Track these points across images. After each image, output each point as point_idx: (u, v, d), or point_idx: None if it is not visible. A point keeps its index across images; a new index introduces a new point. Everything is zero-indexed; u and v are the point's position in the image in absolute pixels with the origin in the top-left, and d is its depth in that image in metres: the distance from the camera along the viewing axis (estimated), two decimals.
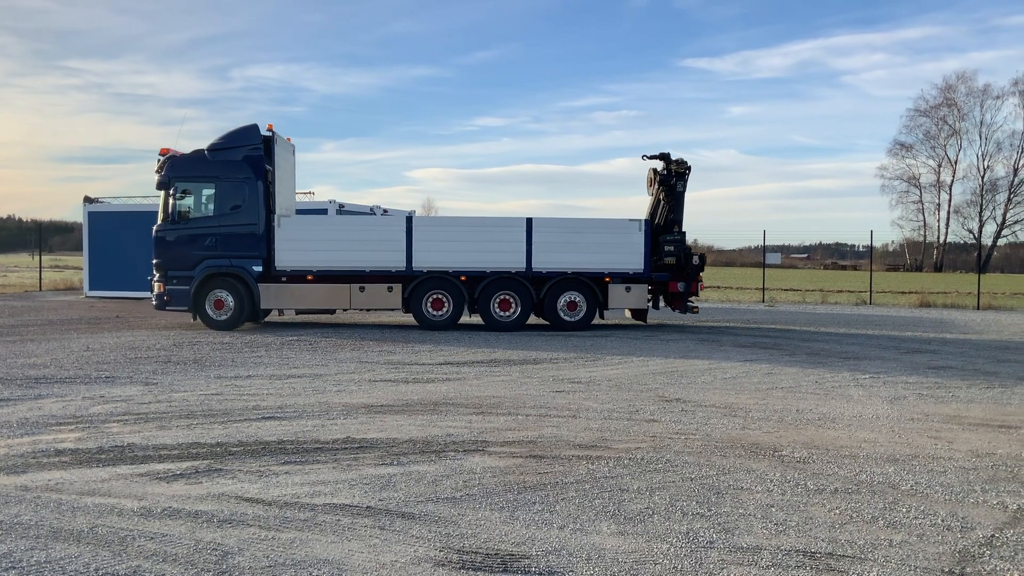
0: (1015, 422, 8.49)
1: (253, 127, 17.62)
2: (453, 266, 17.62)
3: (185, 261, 17.19)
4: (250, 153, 17.37)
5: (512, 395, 9.74)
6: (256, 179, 17.30)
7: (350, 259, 17.52)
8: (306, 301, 17.57)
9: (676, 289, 18.09)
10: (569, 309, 17.87)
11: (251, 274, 17.24)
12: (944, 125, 77.23)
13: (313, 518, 5.21)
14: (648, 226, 18.11)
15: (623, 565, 4.50)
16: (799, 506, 5.56)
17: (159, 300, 17.36)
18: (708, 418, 8.51)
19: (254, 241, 17.30)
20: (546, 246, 17.68)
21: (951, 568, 4.50)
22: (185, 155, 17.52)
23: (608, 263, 17.87)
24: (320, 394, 9.68)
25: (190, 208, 17.34)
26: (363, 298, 17.50)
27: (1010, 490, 6.00)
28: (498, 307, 17.72)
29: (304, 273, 17.48)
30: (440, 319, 17.65)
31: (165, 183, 17.22)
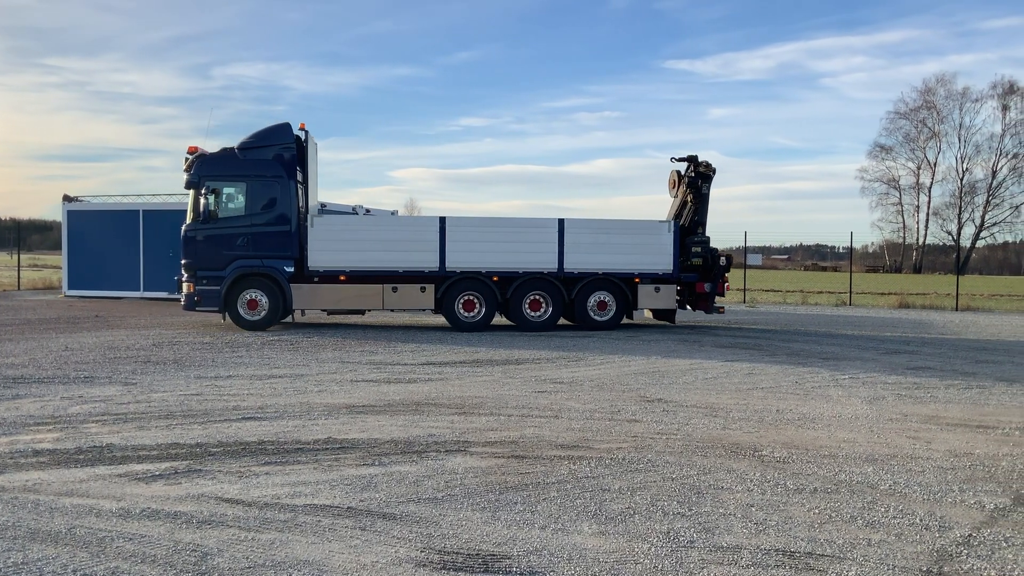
0: (993, 422, 8.57)
1: (285, 125, 17.40)
2: (486, 266, 17.59)
3: (215, 261, 16.88)
4: (282, 152, 17.16)
5: (494, 395, 9.73)
6: (288, 178, 17.09)
7: (383, 259, 17.39)
8: (338, 302, 17.43)
9: (703, 290, 18.26)
10: (599, 309, 18.00)
11: (283, 274, 17.01)
12: (924, 128, 77.96)
13: (293, 519, 5.19)
14: (677, 227, 18.33)
15: (604, 565, 4.50)
16: (779, 506, 5.59)
17: (189, 300, 17.05)
18: (689, 418, 8.54)
19: (286, 241, 17.08)
20: (577, 247, 17.77)
21: (929, 567, 4.54)
22: (215, 153, 17.27)
23: (638, 264, 18.04)
24: (301, 394, 9.64)
25: (220, 207, 17.07)
26: (395, 298, 17.40)
27: (987, 490, 6.06)
28: (529, 307, 17.78)
29: (337, 273, 17.30)
30: (473, 320, 17.63)
31: (195, 182, 16.91)
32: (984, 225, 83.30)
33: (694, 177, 19.04)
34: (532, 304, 17.76)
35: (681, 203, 19.25)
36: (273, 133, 17.28)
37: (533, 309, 17.76)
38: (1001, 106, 73.66)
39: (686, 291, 18.47)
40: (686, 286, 18.41)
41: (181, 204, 27.56)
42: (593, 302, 17.93)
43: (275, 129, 17.34)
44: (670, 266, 18.09)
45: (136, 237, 26.85)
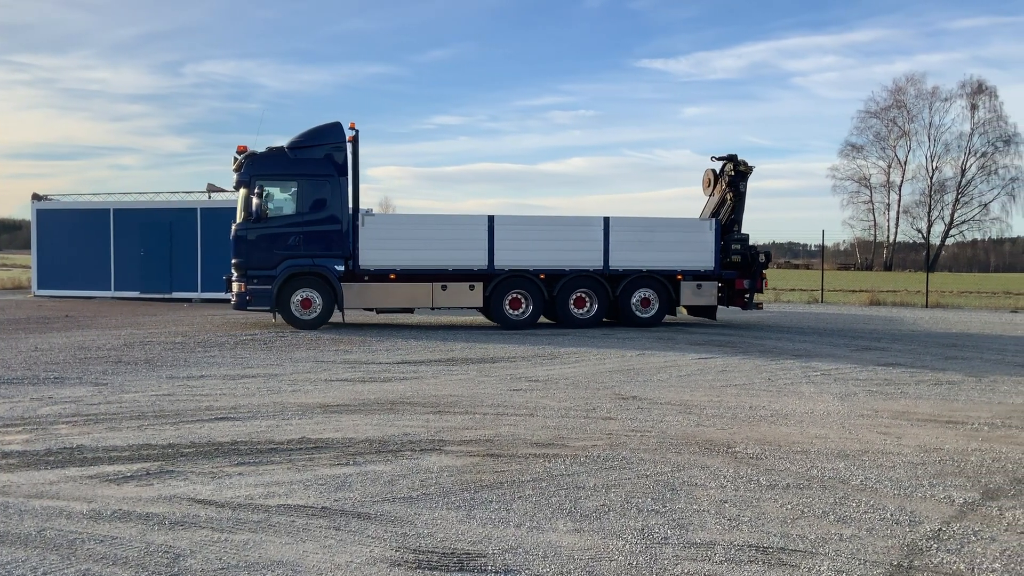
0: (962, 418, 8.69)
1: (336, 124, 17.41)
2: (534, 265, 17.75)
3: (266, 260, 16.83)
4: (332, 151, 17.17)
5: (470, 394, 9.73)
6: (338, 177, 17.10)
7: (433, 258, 17.46)
8: (389, 300, 17.50)
9: (742, 286, 18.54)
10: (643, 306, 18.25)
11: (334, 273, 16.98)
12: (894, 127, 78.78)
13: (267, 519, 5.16)
14: (719, 225, 18.65)
15: (579, 562, 4.52)
16: (752, 501, 5.64)
17: (240, 300, 17.01)
18: (663, 415, 8.58)
19: (336, 240, 17.09)
20: (622, 244, 18.03)
21: (899, 561, 4.59)
22: (265, 152, 17.25)
23: (680, 261, 18.33)
24: (275, 394, 9.58)
25: (270, 207, 17.04)
26: (445, 297, 17.47)
27: (957, 484, 6.14)
28: (574, 305, 17.96)
29: (387, 272, 17.35)
30: (520, 318, 17.79)
31: (246, 181, 16.87)
32: (953, 223, 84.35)
33: (734, 176, 19.35)
34: (577, 301, 17.98)
35: (719, 201, 19.57)
36: (324, 132, 17.33)
37: (578, 306, 17.99)
38: (970, 105, 74.65)
39: (726, 288, 18.68)
40: (726, 283, 18.64)
41: (151, 203, 27.39)
42: (637, 299, 18.19)
43: (326, 128, 17.38)
44: (712, 263, 18.44)
45: (107, 236, 26.56)
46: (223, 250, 25.50)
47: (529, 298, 17.79)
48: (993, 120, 74.87)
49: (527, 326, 17.70)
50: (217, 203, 27.10)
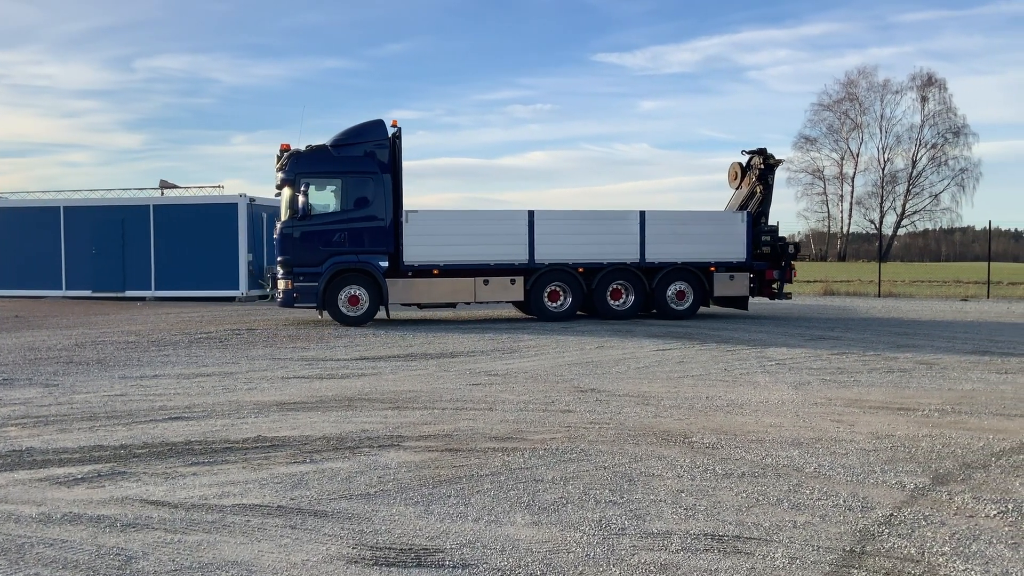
0: (913, 405, 8.85)
1: (379, 122, 17.62)
2: (572, 258, 18.12)
3: (312, 258, 16.98)
4: (375, 148, 17.42)
5: (428, 389, 9.70)
6: (382, 174, 17.33)
7: (475, 253, 17.78)
8: (432, 296, 17.73)
9: (772, 277, 19.07)
10: (678, 298, 18.69)
11: (379, 269, 17.24)
12: (846, 119, 79.96)
13: (221, 519, 5.09)
14: (750, 217, 19.08)
15: (536, 555, 4.52)
16: (708, 491, 5.69)
17: (287, 297, 17.14)
18: (622, 407, 8.63)
19: (380, 236, 17.32)
20: (658, 237, 18.44)
21: (852, 547, 4.67)
22: (309, 150, 17.33)
23: (714, 253, 18.74)
24: (230, 392, 9.47)
25: (315, 205, 17.15)
26: (487, 291, 17.77)
27: (908, 470, 6.26)
28: (610, 297, 18.35)
29: (431, 268, 17.60)
30: (559, 311, 18.17)
31: (291, 179, 16.98)
32: (905, 214, 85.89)
33: (764, 169, 19.81)
34: (613, 294, 18.38)
35: (748, 193, 20.02)
36: (367, 130, 17.54)
37: (614, 299, 18.39)
38: (920, 97, 76.00)
39: (756, 278, 19.16)
40: (757, 273, 19.12)
41: (103, 200, 26.92)
42: (672, 292, 18.63)
43: (368, 126, 17.58)
44: (743, 255, 18.89)
45: (57, 235, 26.07)
46: (177, 247, 25.27)
47: (568, 291, 18.21)
48: (943, 112, 76.39)
49: (565, 318, 18.12)
50: (170, 200, 26.74)
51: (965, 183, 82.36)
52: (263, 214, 25.83)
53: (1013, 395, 9.41)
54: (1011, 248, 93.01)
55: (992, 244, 33.14)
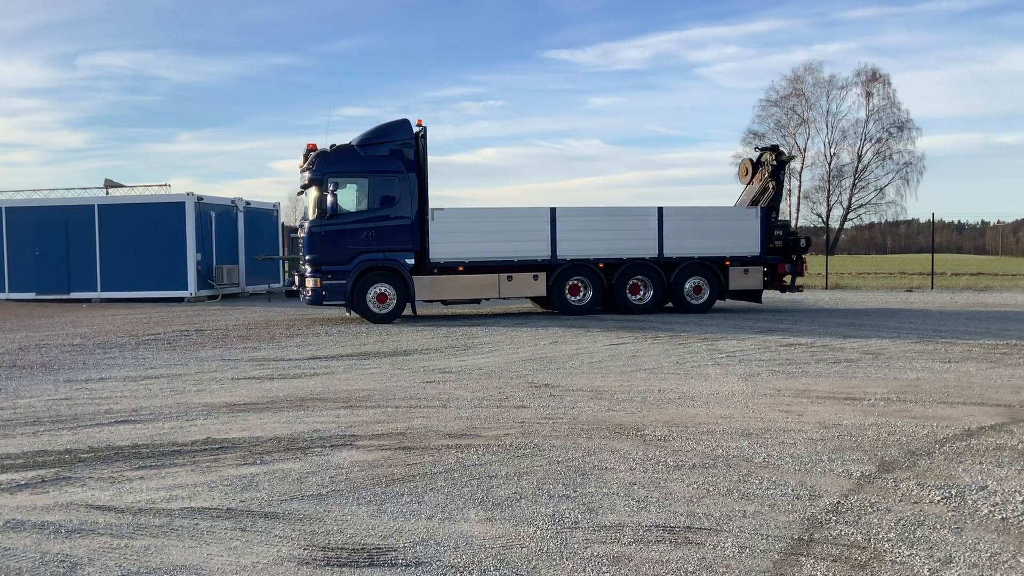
0: (859, 394, 9.02)
1: (404, 121, 17.83)
2: (593, 254, 18.52)
3: (339, 256, 17.23)
4: (401, 147, 17.68)
5: (382, 388, 9.64)
6: (407, 172, 17.57)
7: (499, 250, 18.14)
8: (457, 292, 18.07)
9: (784, 270, 19.59)
10: (695, 293, 19.13)
11: (405, 267, 17.54)
12: (793, 115, 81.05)
13: (169, 523, 5.00)
14: (764, 212, 19.57)
15: (490, 551, 4.52)
16: (660, 482, 5.74)
17: (315, 295, 17.35)
18: (575, 402, 8.66)
19: (406, 234, 17.58)
20: (675, 233, 18.87)
21: (800, 535, 4.74)
22: (336, 150, 17.52)
23: (729, 248, 19.20)
24: (178, 394, 9.31)
25: (342, 203, 17.35)
26: (510, 287, 18.16)
27: (854, 458, 6.37)
28: (629, 292, 18.74)
29: (456, 264, 17.90)
30: (580, 304, 18.57)
31: (318, 179, 17.18)
32: (851, 207, 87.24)
33: (776, 165, 20.38)
34: (632, 289, 18.78)
35: (760, 189, 20.55)
36: (392, 129, 17.78)
37: (633, 293, 18.79)
38: (865, 93, 77.28)
39: (769, 272, 19.63)
40: (770, 267, 19.57)
41: (46, 200, 26.29)
42: (690, 286, 19.06)
43: (394, 125, 17.81)
44: (757, 249, 19.34)
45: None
46: (123, 248, 24.79)
47: (588, 286, 18.61)
48: (887, 107, 77.83)
49: (586, 312, 18.49)
50: (116, 199, 26.21)
51: (909, 177, 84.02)
52: (211, 212, 25.45)
53: (956, 383, 9.64)
54: (954, 240, 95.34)
55: (936, 236, 33.91)
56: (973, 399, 8.67)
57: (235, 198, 27.07)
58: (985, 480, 5.76)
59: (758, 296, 20.14)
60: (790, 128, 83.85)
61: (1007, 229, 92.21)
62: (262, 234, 28.31)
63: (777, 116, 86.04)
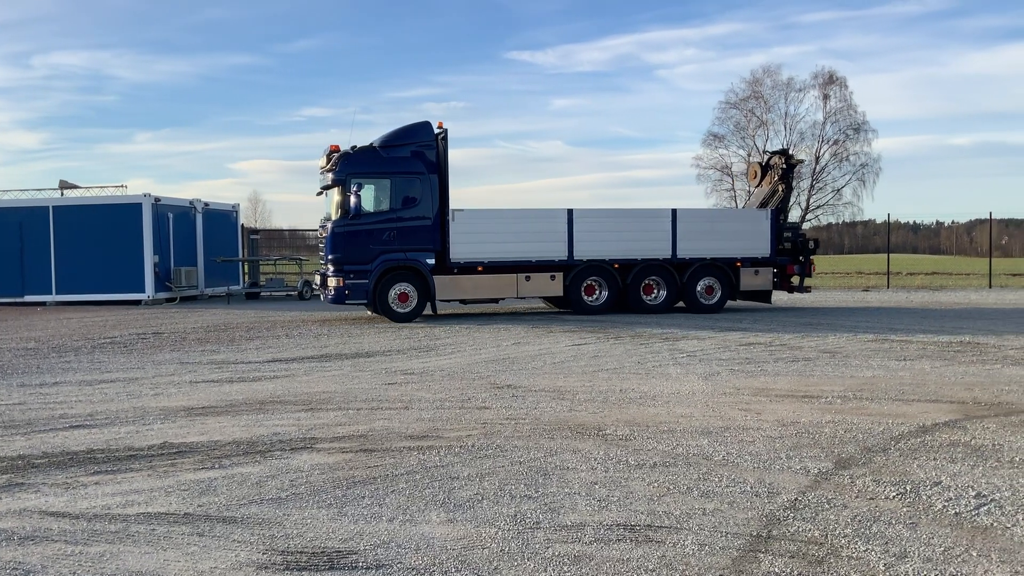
0: (817, 392, 9.15)
1: (426, 123, 18.11)
2: (609, 255, 18.88)
3: (362, 256, 17.51)
4: (422, 149, 17.94)
5: (343, 390, 9.57)
6: (429, 174, 17.86)
7: (518, 250, 18.46)
8: (477, 292, 18.37)
9: (793, 271, 20.12)
10: (707, 293, 19.47)
11: (426, 267, 17.82)
12: (753, 117, 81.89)
13: (125, 529, 4.92)
14: (775, 215, 20.10)
15: (451, 552, 4.51)
16: (621, 482, 5.77)
17: (338, 294, 17.58)
18: (537, 402, 8.68)
19: (427, 234, 17.86)
20: (688, 234, 19.26)
21: (759, 532, 4.79)
22: (359, 151, 17.76)
23: (740, 249, 19.61)
24: (135, 398, 9.17)
25: (364, 204, 17.55)
26: (528, 287, 18.47)
27: (812, 456, 6.46)
28: (643, 292, 19.10)
29: (475, 264, 18.19)
30: (596, 304, 18.91)
31: (342, 180, 17.42)
32: (809, 208, 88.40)
33: (786, 169, 20.89)
34: (646, 289, 19.13)
35: (770, 192, 21.05)
36: (413, 131, 18.06)
37: (647, 294, 19.14)
38: (822, 95, 78.27)
39: (779, 273, 20.05)
40: (779, 268, 20.00)
41: (0, 202, 25.71)
42: (702, 287, 19.41)
43: (416, 127, 18.10)
44: (768, 250, 19.79)
45: None
46: (79, 250, 24.35)
47: (604, 286, 18.94)
48: (844, 109, 78.89)
49: (602, 312, 18.78)
50: (71, 200, 25.75)
51: (866, 178, 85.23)
52: (169, 214, 25.10)
53: (911, 381, 9.81)
54: (909, 240, 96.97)
55: (891, 236, 34.54)
56: (928, 396, 8.83)
57: (193, 199, 26.73)
58: (939, 476, 5.87)
59: (768, 296, 20.58)
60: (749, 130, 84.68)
61: (961, 229, 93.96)
62: (221, 236, 27.97)
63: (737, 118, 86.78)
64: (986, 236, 46.73)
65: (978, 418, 7.74)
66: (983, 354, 12.05)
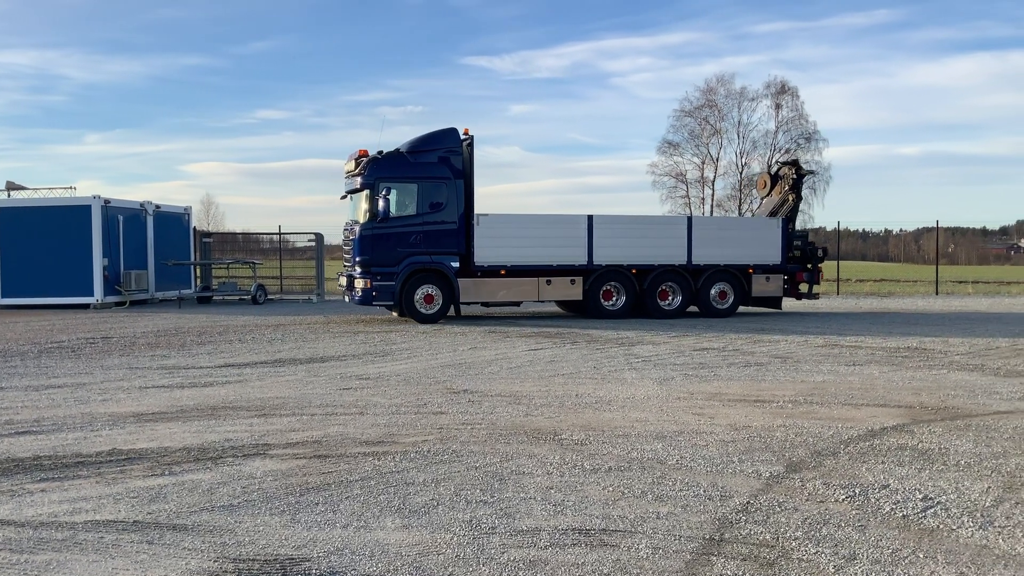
0: (768, 396, 9.28)
1: (453, 130, 18.53)
2: (627, 260, 19.28)
3: (389, 258, 17.88)
4: (449, 154, 18.34)
5: (297, 395, 9.48)
6: (454, 179, 18.26)
7: (540, 254, 18.86)
8: (500, 294, 18.70)
9: (802, 278, 20.56)
10: (720, 298, 19.84)
11: (451, 270, 18.20)
12: (707, 125, 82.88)
13: (73, 537, 4.82)
14: (785, 223, 20.74)
15: (406, 558, 4.49)
16: (576, 486, 5.79)
17: (365, 295, 17.94)
18: (494, 407, 8.68)
19: (452, 238, 18.25)
20: (703, 241, 19.70)
21: (711, 535, 4.85)
22: (387, 156, 18.12)
23: (752, 256, 20.08)
24: (83, 404, 8.98)
25: (392, 208, 17.85)
26: (549, 290, 18.86)
27: (763, 459, 6.55)
28: (659, 297, 19.46)
29: (498, 268, 18.56)
30: (614, 309, 19.25)
31: (371, 183, 17.77)
32: None
33: (796, 179, 21.63)
34: (661, 294, 19.49)
35: (780, 201, 21.66)
36: (440, 137, 18.45)
37: (662, 299, 19.49)
38: (774, 105, 79.52)
39: (789, 280, 20.58)
40: (789, 275, 20.53)
41: None
42: (715, 292, 19.78)
43: (442, 133, 18.49)
44: (779, 258, 20.27)
45: None
46: (26, 252, 23.80)
47: (621, 291, 19.31)
48: (795, 119, 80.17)
49: (619, 316, 19.10)
50: (18, 202, 25.18)
51: (816, 186, 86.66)
52: (119, 216, 24.64)
53: (860, 385, 10.00)
54: (859, 247, 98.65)
55: (841, 243, 35.18)
56: (876, 401, 9.01)
57: (144, 201, 26.28)
58: (887, 479, 5.99)
59: (778, 303, 20.98)
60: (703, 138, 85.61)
61: (909, 237, 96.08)
62: (173, 239, 27.51)
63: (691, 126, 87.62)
64: (933, 244, 47.82)
65: (925, 422, 7.92)
66: (930, 359, 12.33)
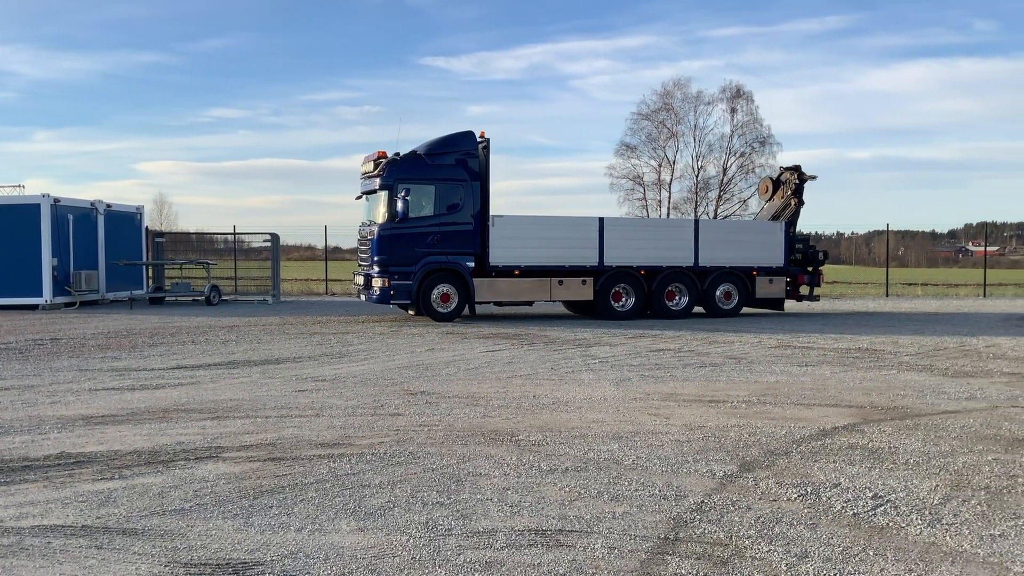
0: (723, 397, 9.38)
1: (469, 133, 18.96)
2: (636, 262, 19.75)
3: (406, 258, 18.28)
4: (465, 157, 18.75)
5: (251, 397, 9.36)
6: (471, 181, 18.68)
7: (553, 256, 19.29)
8: (513, 294, 19.09)
9: (803, 281, 21.17)
10: (725, 299, 20.43)
11: (466, 270, 18.60)
12: (663, 128, 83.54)
13: (19, 543, 4.71)
14: (788, 227, 21.30)
15: (361, 561, 4.46)
16: (533, 487, 5.80)
17: (383, 294, 18.33)
18: (451, 409, 8.66)
19: (468, 239, 18.65)
20: (709, 244, 20.25)
21: (666, 534, 4.89)
22: (405, 157, 18.49)
23: (756, 259, 20.68)
24: (30, 407, 8.78)
25: (410, 208, 18.17)
26: (561, 291, 19.31)
27: (718, 459, 6.62)
28: (666, 298, 19.97)
29: (512, 268, 18.97)
30: (623, 310, 19.69)
31: (390, 184, 18.17)
32: (717, 218, 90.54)
33: (799, 184, 22.12)
34: (668, 295, 20.01)
35: (782, 206, 22.25)
36: (458, 140, 18.87)
37: (669, 299, 20.01)
38: (730, 109, 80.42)
39: (791, 282, 21.12)
40: (791, 277, 21.07)
41: None
42: (720, 293, 20.39)
43: (459, 136, 18.92)
44: (782, 260, 20.90)
45: None
46: None
47: (630, 292, 19.75)
48: (750, 123, 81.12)
49: (629, 317, 19.50)
50: None
51: None
52: (69, 215, 24.14)
53: (812, 386, 10.15)
54: None
55: None
56: (828, 401, 9.16)
57: (95, 200, 25.77)
58: (838, 478, 6.09)
59: (780, 304, 21.52)
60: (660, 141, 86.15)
61: (860, 240, 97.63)
62: (124, 238, 27.01)
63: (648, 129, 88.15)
64: (883, 247, 48.70)
65: (875, 422, 8.07)
66: (880, 360, 12.56)
